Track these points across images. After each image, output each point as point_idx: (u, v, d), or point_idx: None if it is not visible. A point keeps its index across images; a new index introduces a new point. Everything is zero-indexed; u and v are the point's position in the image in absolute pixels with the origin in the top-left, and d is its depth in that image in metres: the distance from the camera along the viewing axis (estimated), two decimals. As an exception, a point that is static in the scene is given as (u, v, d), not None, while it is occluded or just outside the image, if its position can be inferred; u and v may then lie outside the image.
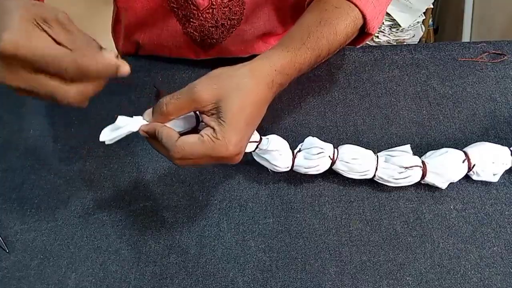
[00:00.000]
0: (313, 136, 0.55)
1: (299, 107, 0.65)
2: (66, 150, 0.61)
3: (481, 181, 0.56)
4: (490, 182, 0.56)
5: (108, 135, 0.45)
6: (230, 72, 0.45)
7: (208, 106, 0.43)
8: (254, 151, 0.53)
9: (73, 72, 0.37)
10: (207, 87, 0.43)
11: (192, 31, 0.67)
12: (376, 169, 0.53)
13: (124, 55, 0.73)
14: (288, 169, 0.54)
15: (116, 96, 0.66)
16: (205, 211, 0.54)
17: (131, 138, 0.61)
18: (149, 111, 0.45)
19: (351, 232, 0.52)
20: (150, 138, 0.45)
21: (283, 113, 0.64)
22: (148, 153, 0.60)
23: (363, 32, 0.57)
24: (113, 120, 0.45)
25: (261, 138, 0.53)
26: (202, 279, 0.49)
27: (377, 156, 0.54)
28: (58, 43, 0.37)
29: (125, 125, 0.45)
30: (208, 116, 0.44)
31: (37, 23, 0.37)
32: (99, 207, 0.55)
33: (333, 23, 0.52)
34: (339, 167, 0.54)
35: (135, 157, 0.60)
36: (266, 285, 0.49)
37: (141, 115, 0.46)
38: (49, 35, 0.37)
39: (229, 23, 0.66)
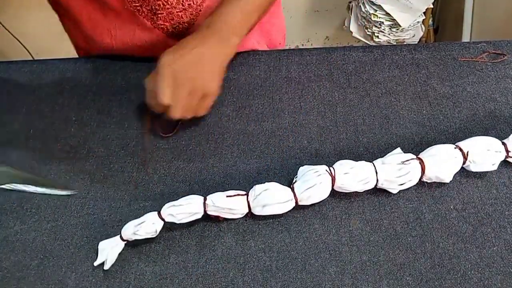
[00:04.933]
0: (303, 165, 0.55)
1: (299, 107, 0.65)
2: (66, 150, 0.61)
3: (481, 181, 0.56)
4: (490, 182, 0.56)
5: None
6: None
7: None
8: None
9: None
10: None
11: (162, 22, 0.66)
12: (377, 173, 0.53)
13: (97, 56, 0.73)
14: (293, 201, 0.52)
15: (117, 96, 0.66)
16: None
17: (131, 137, 0.61)
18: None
19: (351, 232, 0.52)
20: None
21: (283, 113, 0.64)
22: (148, 153, 0.60)
23: None
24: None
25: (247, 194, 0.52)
26: (202, 279, 0.49)
27: (373, 163, 0.54)
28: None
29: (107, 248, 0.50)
30: None
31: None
32: (99, 207, 0.55)
33: None
34: (341, 181, 0.52)
35: (135, 157, 0.60)
36: (266, 285, 0.49)
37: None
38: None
39: (195, 1, 0.66)
